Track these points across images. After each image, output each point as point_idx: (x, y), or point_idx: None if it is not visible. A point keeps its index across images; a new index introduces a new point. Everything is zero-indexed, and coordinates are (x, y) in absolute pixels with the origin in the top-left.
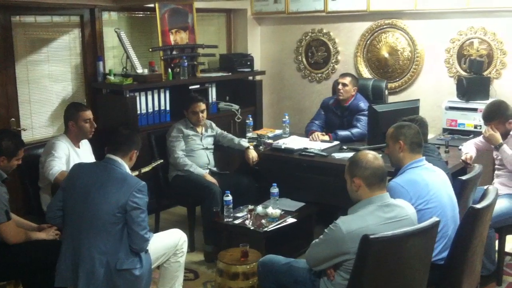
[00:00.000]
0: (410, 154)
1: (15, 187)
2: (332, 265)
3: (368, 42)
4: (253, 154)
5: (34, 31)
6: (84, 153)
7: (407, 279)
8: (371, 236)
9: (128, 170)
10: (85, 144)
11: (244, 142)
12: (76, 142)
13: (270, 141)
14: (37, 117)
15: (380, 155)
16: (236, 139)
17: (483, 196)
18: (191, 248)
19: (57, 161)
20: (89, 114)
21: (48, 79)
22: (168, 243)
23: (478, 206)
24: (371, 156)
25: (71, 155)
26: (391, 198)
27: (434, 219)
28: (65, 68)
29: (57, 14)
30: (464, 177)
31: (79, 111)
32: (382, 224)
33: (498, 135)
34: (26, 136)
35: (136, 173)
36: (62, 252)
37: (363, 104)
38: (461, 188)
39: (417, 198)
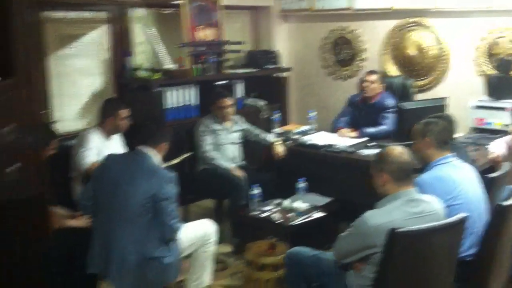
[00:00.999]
0: (438, 151)
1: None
2: (359, 258)
3: (394, 40)
4: (279, 149)
5: (63, 26)
6: (115, 144)
7: (433, 273)
8: (398, 230)
9: (158, 161)
10: (116, 137)
11: (271, 137)
12: (108, 135)
13: (296, 136)
14: (68, 110)
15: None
16: (263, 134)
17: (511, 193)
18: (220, 240)
19: (89, 152)
20: (127, 112)
21: (78, 74)
22: (198, 233)
23: (506, 203)
24: (398, 151)
25: (102, 147)
26: (418, 193)
27: (462, 214)
28: (94, 62)
29: (86, 10)
30: (491, 175)
31: (119, 109)
32: (409, 219)
33: None
34: (58, 128)
35: (166, 165)
36: (93, 242)
37: (390, 102)
38: (489, 186)
39: (444, 194)
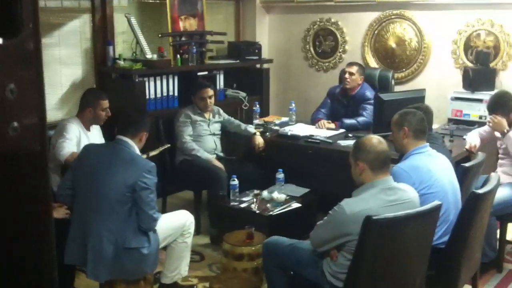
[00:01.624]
0: (414, 141)
1: None
2: (335, 246)
3: (375, 32)
4: (259, 140)
5: (44, 15)
6: (94, 136)
7: (408, 260)
8: (374, 217)
9: (137, 151)
10: (95, 127)
11: (251, 128)
12: (87, 125)
13: (276, 127)
14: (47, 100)
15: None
16: (243, 125)
17: (485, 182)
18: (197, 231)
19: (68, 142)
20: (107, 103)
21: (59, 63)
22: (176, 224)
23: (480, 191)
24: (375, 140)
25: (81, 137)
26: (394, 181)
27: (436, 202)
28: (75, 52)
29: None
30: (467, 164)
31: (100, 100)
32: (385, 207)
33: (504, 122)
34: None
35: (144, 156)
36: (71, 230)
37: (369, 93)
38: (464, 175)
39: (420, 183)
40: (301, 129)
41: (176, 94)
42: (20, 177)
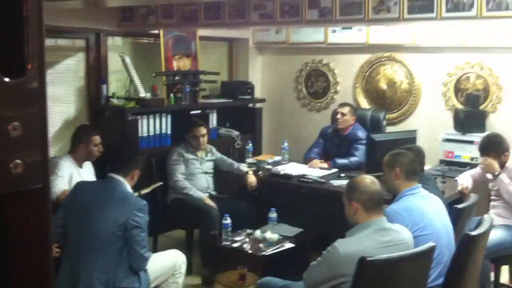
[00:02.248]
0: (406, 182)
1: None
2: (329, 287)
3: (366, 73)
4: (252, 179)
5: None
6: (86, 173)
7: None
8: (368, 258)
9: (129, 189)
10: (87, 165)
11: (244, 167)
12: (79, 162)
13: (269, 166)
14: None
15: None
16: (236, 164)
17: (478, 224)
18: (189, 271)
19: (60, 180)
20: (99, 138)
21: (52, 101)
22: (167, 264)
23: (473, 233)
24: (369, 180)
25: (73, 174)
26: (387, 222)
27: (430, 244)
28: (68, 90)
29: (63, 37)
30: (460, 206)
31: (92, 135)
32: (379, 248)
33: (496, 165)
34: None
35: (136, 194)
36: (61, 269)
37: (361, 134)
38: (457, 217)
39: (413, 224)
40: (293, 168)
41: (169, 132)
42: (22, 215)
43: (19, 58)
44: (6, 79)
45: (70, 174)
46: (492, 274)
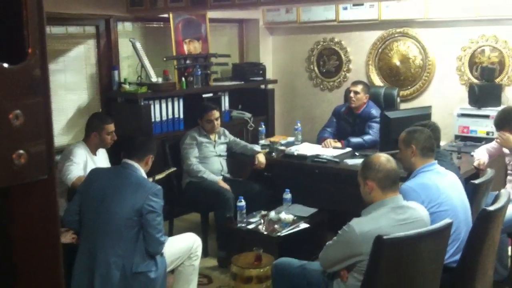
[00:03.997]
0: (422, 159)
1: None
2: (345, 267)
3: (379, 50)
4: (261, 159)
5: (49, 42)
6: (101, 160)
7: (420, 280)
8: (385, 237)
9: (144, 174)
10: (102, 151)
11: (257, 147)
12: (94, 150)
13: (282, 147)
14: (54, 125)
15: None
16: (249, 145)
17: (495, 199)
18: (205, 253)
19: (75, 166)
20: (112, 127)
21: (64, 89)
22: (183, 247)
23: (491, 208)
24: (384, 158)
25: (88, 161)
26: (403, 200)
27: (447, 220)
28: (80, 77)
29: (73, 24)
30: (476, 181)
31: (105, 124)
32: (395, 226)
33: None
34: None
35: (150, 179)
36: (78, 256)
37: (375, 112)
38: (474, 192)
39: (429, 201)
40: (307, 149)
41: (181, 116)
42: (28, 208)
43: (20, 44)
44: (6, 65)
45: (85, 161)
46: (509, 249)
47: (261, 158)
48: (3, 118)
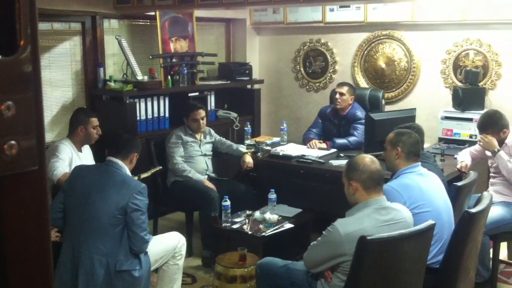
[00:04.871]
0: (406, 162)
1: None
2: (329, 267)
3: (365, 52)
4: (248, 159)
5: None
6: (86, 157)
7: (403, 281)
8: (368, 238)
9: (128, 172)
10: (86, 148)
11: (242, 148)
12: (79, 146)
13: (268, 148)
14: None
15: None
16: (235, 145)
17: (478, 201)
18: (189, 253)
19: (60, 162)
20: (97, 121)
21: (49, 85)
22: (167, 246)
23: (473, 210)
24: (368, 160)
25: (73, 158)
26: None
27: (430, 222)
28: (65, 74)
29: (58, 21)
30: (459, 183)
31: (90, 117)
32: (379, 227)
33: (495, 141)
34: None
35: (136, 178)
36: (62, 254)
37: (360, 113)
38: (456, 194)
39: (411, 202)
40: (292, 149)
41: (167, 115)
42: (19, 198)
43: (11, 37)
44: None
45: (70, 157)
46: (491, 251)
47: (248, 159)
48: None
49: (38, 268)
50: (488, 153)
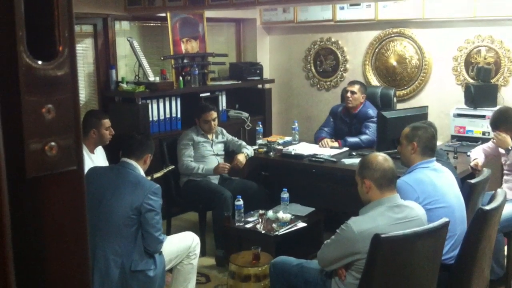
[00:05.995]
0: (421, 157)
1: None
2: (343, 265)
3: (376, 50)
4: (240, 158)
5: None
6: (99, 158)
7: (417, 279)
8: (382, 236)
9: (142, 173)
10: (99, 150)
11: (245, 148)
12: (92, 148)
13: (280, 147)
14: None
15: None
16: (242, 145)
17: (492, 199)
18: (203, 253)
19: None
20: (109, 122)
21: None
22: (182, 245)
23: (487, 207)
24: (381, 158)
25: (86, 160)
26: (400, 198)
27: (444, 219)
28: (78, 76)
29: None
30: (473, 181)
31: (102, 119)
32: (393, 225)
33: (509, 139)
34: None
35: (149, 178)
36: None
37: (372, 112)
38: (470, 192)
39: (425, 197)
40: (304, 148)
41: (179, 116)
42: (58, 197)
43: (50, 42)
44: (39, 62)
45: (84, 160)
46: (505, 248)
47: (240, 157)
48: (36, 112)
49: (76, 265)
50: (502, 151)
